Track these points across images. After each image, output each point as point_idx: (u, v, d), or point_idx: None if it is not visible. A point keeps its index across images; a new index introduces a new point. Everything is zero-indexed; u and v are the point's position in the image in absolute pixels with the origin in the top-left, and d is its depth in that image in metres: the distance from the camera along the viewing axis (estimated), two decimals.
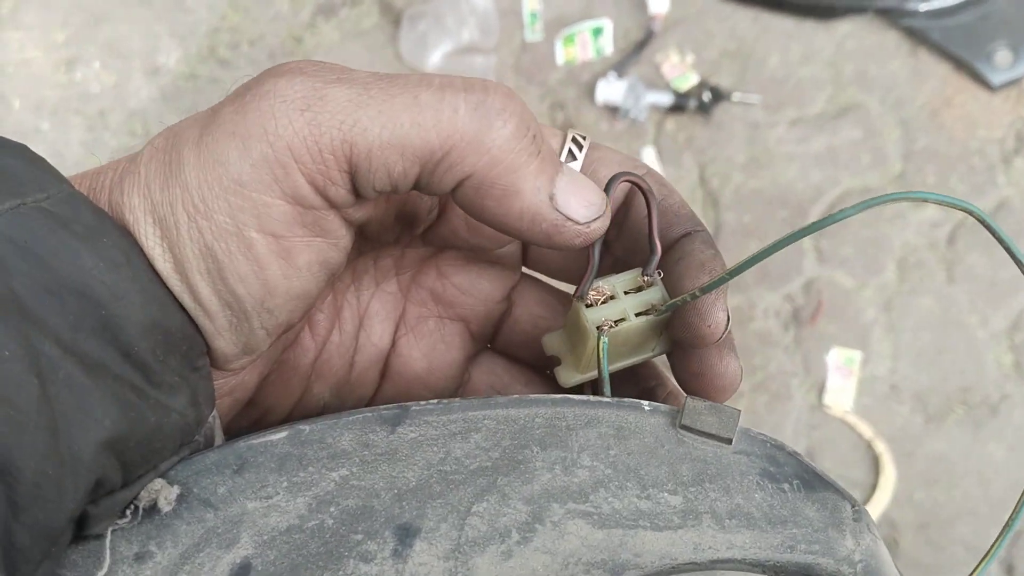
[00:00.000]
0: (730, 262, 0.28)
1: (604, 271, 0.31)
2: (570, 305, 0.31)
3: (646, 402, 0.28)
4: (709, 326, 0.29)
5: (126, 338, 0.24)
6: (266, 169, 0.25)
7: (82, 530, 0.25)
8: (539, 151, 0.27)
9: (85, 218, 0.25)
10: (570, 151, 0.30)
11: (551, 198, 0.27)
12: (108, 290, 0.24)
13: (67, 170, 0.26)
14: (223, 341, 0.28)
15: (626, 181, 0.30)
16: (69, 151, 1.33)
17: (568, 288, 0.34)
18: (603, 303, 0.30)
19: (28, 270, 0.23)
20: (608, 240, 0.32)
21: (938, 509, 1.19)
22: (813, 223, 0.25)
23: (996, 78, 1.31)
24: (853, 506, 0.27)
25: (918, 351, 1.24)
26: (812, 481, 0.27)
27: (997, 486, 1.19)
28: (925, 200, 0.25)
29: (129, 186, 0.27)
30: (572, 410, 0.28)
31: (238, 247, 0.26)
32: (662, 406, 0.28)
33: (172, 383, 0.26)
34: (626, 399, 0.28)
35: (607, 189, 0.29)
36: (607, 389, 0.29)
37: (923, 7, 1.32)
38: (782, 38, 1.36)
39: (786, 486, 0.27)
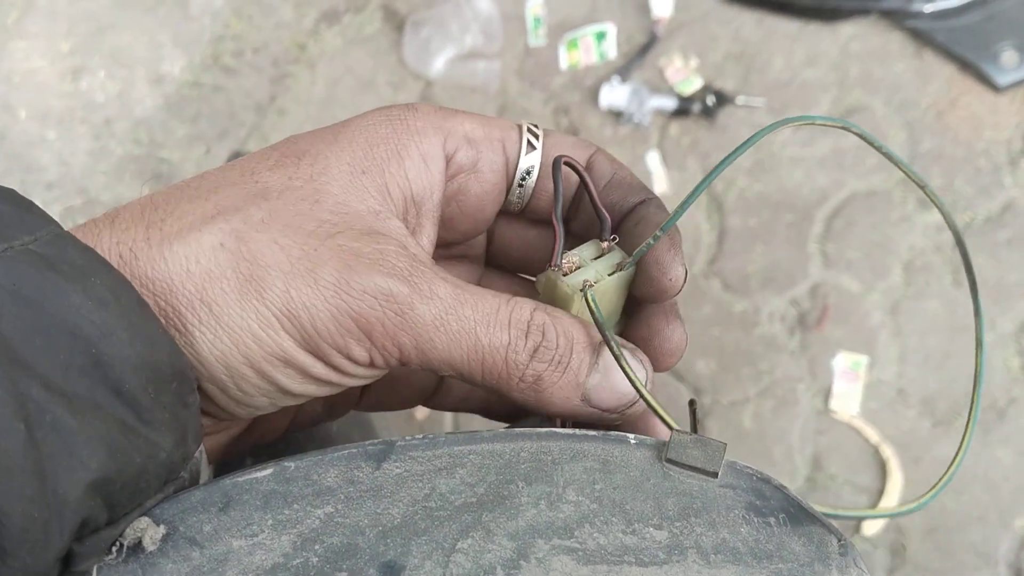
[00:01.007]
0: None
1: (565, 249, 0.33)
2: (535, 292, 0.32)
3: (632, 435, 0.28)
4: (670, 279, 0.31)
5: (116, 375, 0.24)
6: (301, 351, 0.28)
7: (68, 567, 0.25)
8: (566, 368, 0.29)
9: (72, 258, 0.25)
10: (529, 142, 0.33)
11: (584, 399, 0.30)
12: (97, 328, 0.24)
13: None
14: (215, 408, 0.29)
15: (565, 164, 0.32)
16: (75, 160, 1.33)
17: (528, 280, 0.36)
18: (575, 271, 0.32)
19: (17, 312, 0.23)
20: (566, 220, 0.34)
21: (946, 514, 1.18)
22: (745, 141, 0.29)
23: (1002, 79, 1.31)
24: (839, 540, 0.27)
25: (925, 355, 1.23)
26: (798, 515, 0.27)
27: (1005, 491, 1.18)
28: (812, 123, 0.30)
29: (147, 261, 0.27)
30: (558, 444, 0.28)
31: (251, 365, 0.28)
32: (648, 439, 0.28)
33: (162, 420, 0.26)
34: (612, 432, 0.28)
35: (554, 173, 0.32)
36: (609, 334, 0.30)
37: (928, 8, 1.32)
38: (786, 41, 1.36)
39: (772, 520, 0.27)
